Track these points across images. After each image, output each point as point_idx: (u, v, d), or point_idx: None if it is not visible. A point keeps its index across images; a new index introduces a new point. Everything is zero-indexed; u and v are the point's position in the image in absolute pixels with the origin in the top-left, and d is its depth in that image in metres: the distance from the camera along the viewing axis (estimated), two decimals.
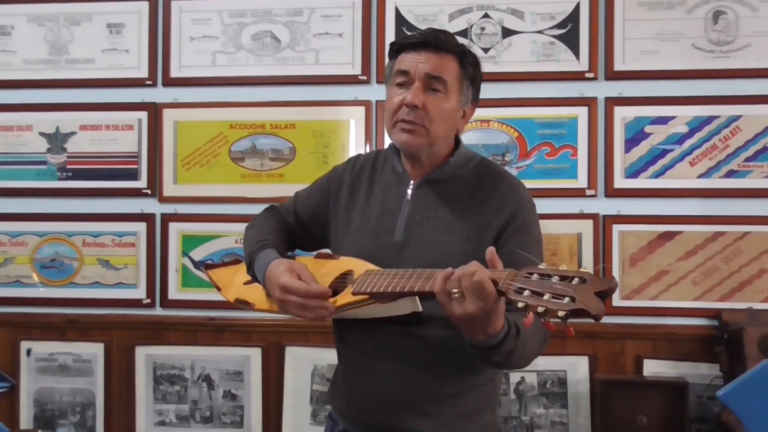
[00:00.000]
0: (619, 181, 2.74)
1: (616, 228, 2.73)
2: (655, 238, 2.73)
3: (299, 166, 2.88)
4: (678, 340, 2.71)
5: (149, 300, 2.93)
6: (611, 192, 2.74)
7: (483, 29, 2.82)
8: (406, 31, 2.81)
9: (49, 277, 2.98)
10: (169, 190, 2.93)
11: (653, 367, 2.70)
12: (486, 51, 2.79)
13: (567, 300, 1.15)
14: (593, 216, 2.75)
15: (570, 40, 2.78)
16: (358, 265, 1.57)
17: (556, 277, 1.19)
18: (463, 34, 2.80)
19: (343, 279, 1.59)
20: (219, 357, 2.88)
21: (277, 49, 2.91)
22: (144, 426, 2.91)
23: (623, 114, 2.74)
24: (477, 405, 1.63)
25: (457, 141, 1.70)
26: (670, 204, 2.73)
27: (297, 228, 1.82)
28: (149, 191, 2.93)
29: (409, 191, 1.65)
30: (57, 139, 2.98)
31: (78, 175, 2.97)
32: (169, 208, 2.93)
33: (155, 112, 2.93)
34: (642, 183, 2.73)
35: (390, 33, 2.83)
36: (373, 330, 1.59)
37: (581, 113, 2.76)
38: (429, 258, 1.53)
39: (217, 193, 2.91)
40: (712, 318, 2.69)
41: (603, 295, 1.15)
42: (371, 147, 2.84)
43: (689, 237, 2.72)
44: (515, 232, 1.56)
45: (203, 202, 2.92)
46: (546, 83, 2.79)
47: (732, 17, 2.73)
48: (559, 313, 1.14)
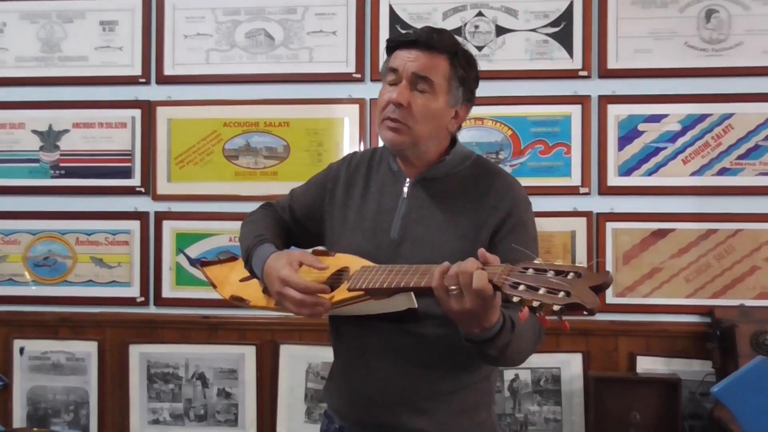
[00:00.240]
0: (613, 179, 2.75)
1: (609, 226, 2.74)
2: (648, 235, 2.74)
3: (293, 164, 2.88)
4: (671, 337, 2.72)
5: (143, 298, 2.92)
6: (605, 190, 2.75)
7: (477, 27, 2.82)
8: (400, 30, 2.81)
9: (43, 276, 2.97)
10: (163, 188, 2.92)
11: (646, 364, 2.72)
12: (480, 49, 2.80)
13: (562, 294, 1.15)
14: (587, 214, 2.76)
15: (563, 38, 2.78)
16: (353, 262, 1.57)
17: (551, 272, 1.19)
18: (457, 32, 2.80)
19: (339, 276, 1.59)
20: (213, 355, 2.88)
21: (271, 47, 2.90)
22: (138, 424, 2.90)
23: (617, 112, 2.75)
24: (473, 402, 1.63)
25: (454, 140, 1.70)
26: (663, 202, 2.74)
27: (293, 225, 1.82)
28: (143, 189, 2.93)
29: (405, 189, 1.65)
30: (50, 137, 2.97)
31: (71, 173, 2.96)
32: (163, 206, 2.93)
33: (149, 109, 2.93)
34: (635, 181, 2.74)
35: (384, 31, 2.83)
36: (369, 327, 1.60)
37: (575, 111, 2.77)
38: (425, 256, 1.53)
39: (211, 191, 2.90)
40: (704, 315, 2.71)
41: (598, 290, 1.15)
42: (365, 145, 2.84)
43: (682, 235, 2.73)
44: (511, 230, 1.57)
45: (197, 200, 2.91)
46: (540, 81, 2.79)
47: (724, 16, 2.74)
48: (554, 308, 1.14)
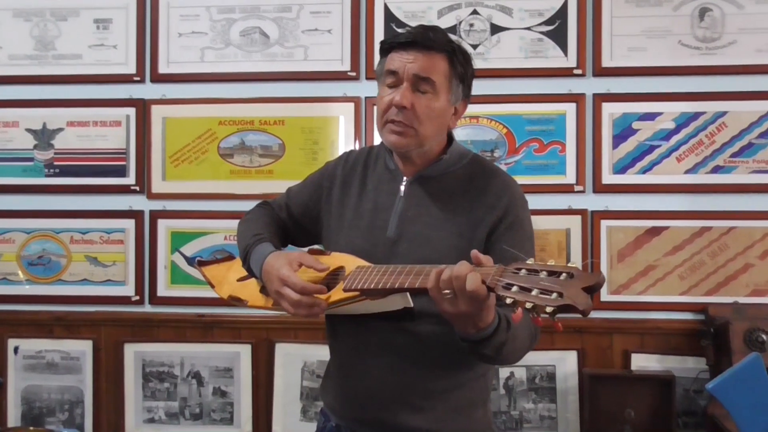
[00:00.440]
0: (607, 177, 2.76)
1: (604, 223, 2.75)
2: (643, 233, 2.75)
3: (288, 162, 2.88)
4: (665, 334, 2.73)
5: (138, 297, 2.92)
6: (599, 188, 2.76)
7: (472, 26, 2.83)
8: (395, 28, 2.81)
9: (37, 275, 2.96)
10: (158, 186, 2.91)
11: (641, 361, 2.73)
12: (475, 47, 2.80)
13: (555, 296, 1.15)
14: (581, 212, 2.77)
15: (558, 36, 2.79)
16: (349, 261, 1.57)
17: (543, 273, 1.20)
18: (452, 30, 2.80)
19: (335, 275, 1.59)
20: (208, 354, 2.88)
21: (266, 45, 2.90)
22: (133, 423, 2.90)
23: (611, 110, 2.76)
24: (469, 400, 1.64)
25: (450, 138, 1.70)
26: (657, 200, 2.75)
27: (289, 224, 1.82)
28: (137, 188, 2.92)
29: (402, 188, 1.66)
30: (44, 136, 2.96)
31: (65, 172, 2.95)
32: (158, 204, 2.92)
33: (143, 108, 2.92)
34: (629, 179, 2.75)
35: (379, 29, 2.83)
36: (366, 326, 1.60)
37: (569, 109, 2.77)
38: (422, 254, 1.54)
39: (206, 190, 2.90)
40: (698, 312, 2.72)
41: (590, 290, 1.15)
42: (360, 143, 2.84)
43: (676, 232, 2.74)
44: (508, 228, 1.57)
45: (192, 198, 2.91)
46: (534, 80, 2.80)
47: (718, 14, 2.75)
48: (547, 309, 1.15)
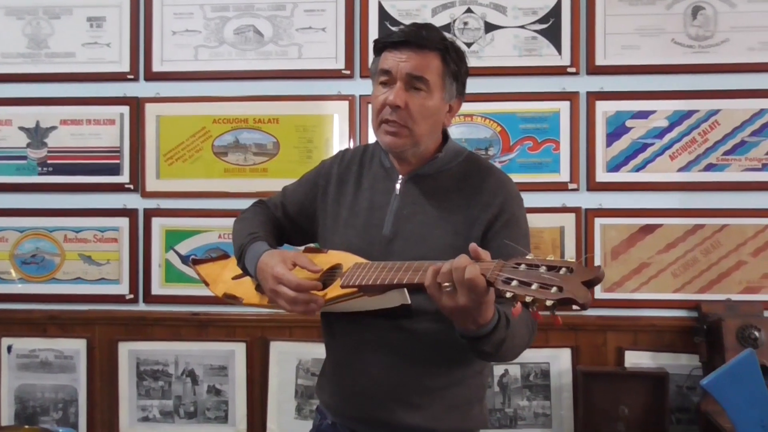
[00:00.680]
0: (601, 175, 2.77)
1: (598, 221, 2.76)
2: (636, 231, 2.76)
3: (283, 160, 2.87)
4: (658, 331, 2.74)
5: (132, 295, 2.91)
6: (593, 186, 2.77)
7: (466, 24, 2.83)
8: (389, 26, 2.81)
9: (30, 273, 2.95)
10: (152, 185, 2.91)
11: (634, 359, 2.74)
12: (469, 46, 2.81)
13: (554, 289, 1.16)
14: (575, 209, 2.77)
15: (552, 35, 2.80)
16: (346, 259, 1.58)
17: (543, 267, 1.20)
18: (446, 28, 2.81)
19: (332, 272, 1.59)
20: (203, 352, 2.87)
21: (260, 44, 2.90)
22: (127, 422, 2.89)
23: (605, 108, 2.77)
24: (465, 398, 1.64)
25: (446, 136, 1.71)
26: (650, 197, 2.76)
27: (285, 222, 1.82)
28: (132, 186, 2.91)
29: (398, 186, 1.66)
30: (37, 134, 2.95)
31: (59, 170, 2.94)
32: (152, 203, 2.92)
33: (137, 106, 2.91)
34: (623, 177, 2.76)
35: (373, 27, 2.83)
36: (362, 323, 1.60)
37: (563, 108, 2.78)
38: (417, 252, 1.54)
39: (200, 188, 2.90)
40: (691, 309, 2.73)
41: (590, 284, 1.16)
42: (355, 141, 2.84)
43: (669, 230, 2.76)
44: (504, 226, 1.58)
45: (186, 197, 2.90)
46: (528, 78, 2.81)
47: (710, 13, 2.77)
48: (547, 303, 1.15)
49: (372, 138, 2.79)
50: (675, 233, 2.75)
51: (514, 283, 1.20)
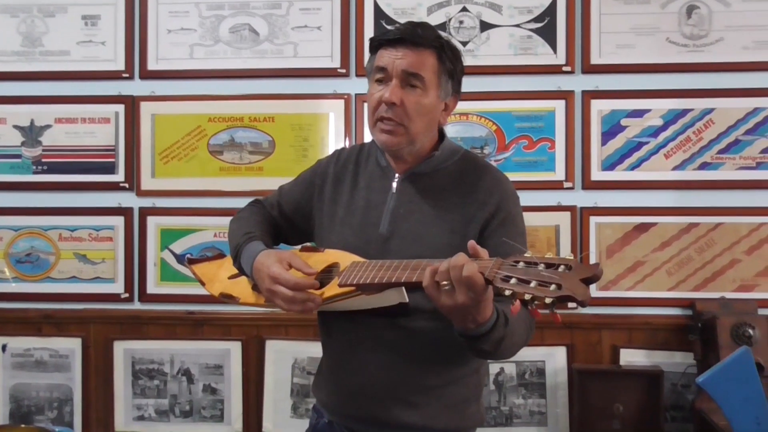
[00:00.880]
0: (596, 174, 2.78)
1: (593, 220, 2.77)
2: (631, 229, 2.77)
3: (278, 159, 2.87)
4: (653, 329, 2.76)
5: (127, 294, 2.91)
6: (588, 184, 2.78)
7: (461, 23, 2.83)
8: (384, 25, 2.81)
9: (25, 272, 2.94)
10: (147, 183, 2.90)
11: (629, 357, 2.75)
12: (464, 44, 2.81)
13: (553, 287, 1.16)
14: (571, 208, 2.78)
15: (547, 33, 2.80)
16: (343, 257, 1.57)
17: (542, 265, 1.20)
18: (442, 27, 2.81)
19: (329, 271, 1.59)
20: (198, 351, 2.87)
21: (256, 42, 2.89)
22: (123, 421, 2.89)
23: (600, 107, 2.78)
24: (462, 396, 1.64)
25: (442, 134, 1.71)
26: (645, 196, 2.77)
27: (281, 221, 1.82)
28: (127, 185, 2.91)
29: (394, 184, 1.66)
30: (32, 132, 2.94)
31: (53, 169, 2.93)
32: (147, 201, 2.91)
33: (132, 104, 2.91)
34: (618, 175, 2.77)
35: (369, 26, 2.83)
36: (359, 322, 1.60)
37: (558, 106, 2.79)
38: (414, 250, 1.54)
39: (196, 187, 2.89)
40: (686, 308, 2.75)
41: (588, 282, 1.16)
42: (351, 140, 2.84)
43: (664, 228, 2.77)
44: (500, 224, 1.58)
45: (181, 195, 2.90)
46: (524, 77, 2.81)
47: (705, 12, 2.77)
48: (546, 300, 1.15)
49: (367, 137, 2.81)
50: (670, 231, 2.76)
51: (512, 281, 1.20)
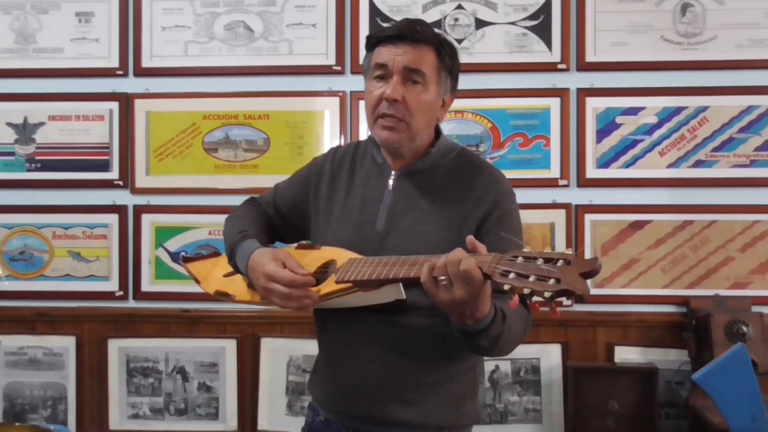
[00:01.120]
0: (591, 171, 2.78)
1: (588, 217, 2.78)
2: (626, 227, 2.78)
3: (273, 157, 2.87)
4: (648, 327, 2.76)
5: (122, 292, 2.90)
6: (583, 182, 2.78)
7: (457, 20, 2.83)
8: (380, 22, 2.81)
9: (19, 270, 2.93)
10: (142, 181, 2.89)
11: (624, 354, 2.76)
12: (460, 42, 2.81)
13: (552, 281, 1.16)
14: (566, 206, 2.79)
15: (542, 31, 2.80)
16: (340, 255, 1.57)
17: (540, 260, 1.21)
18: (437, 25, 2.81)
19: (325, 268, 1.59)
20: (193, 349, 2.87)
21: (251, 39, 2.89)
22: (117, 419, 2.88)
23: (595, 105, 2.78)
24: (458, 393, 1.64)
25: (438, 132, 1.71)
26: (640, 193, 2.78)
27: (277, 220, 1.81)
28: (121, 182, 2.90)
29: (391, 182, 1.66)
30: (25, 130, 2.92)
31: (47, 167, 2.92)
32: (142, 199, 2.90)
33: (126, 102, 2.90)
34: (613, 173, 2.78)
35: (364, 24, 2.83)
36: (356, 319, 1.59)
37: (554, 104, 2.79)
38: (411, 248, 1.54)
39: (190, 185, 2.89)
40: (680, 305, 2.75)
41: (587, 276, 1.17)
42: (346, 138, 2.84)
43: (659, 226, 2.77)
44: (497, 221, 1.58)
45: (176, 193, 2.89)
46: (519, 74, 2.81)
47: (699, 10, 2.78)
48: (546, 295, 1.16)
49: (363, 134, 2.81)
50: (664, 229, 2.77)
51: (511, 276, 1.20)
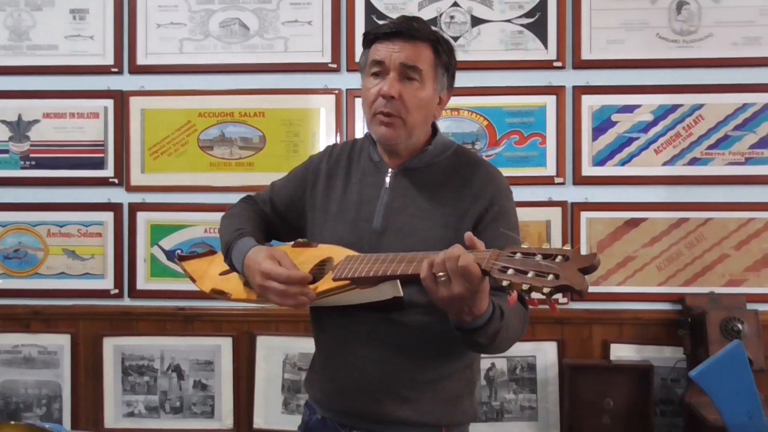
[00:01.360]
0: (587, 169, 2.78)
1: (584, 215, 2.78)
2: (622, 224, 2.78)
3: (269, 154, 2.86)
4: (643, 324, 2.77)
5: (117, 290, 2.89)
6: (579, 180, 2.78)
7: (452, 18, 2.83)
8: (375, 20, 2.81)
9: (13, 268, 2.92)
10: (137, 179, 2.89)
11: (619, 351, 2.76)
12: (455, 40, 2.80)
13: (551, 277, 1.16)
14: (562, 203, 2.79)
15: (538, 29, 2.80)
16: (337, 252, 1.56)
17: (539, 256, 1.20)
18: (433, 22, 2.80)
19: (322, 266, 1.58)
20: (189, 347, 2.86)
21: (246, 37, 2.88)
22: (113, 418, 2.87)
23: (590, 102, 2.78)
24: (456, 391, 1.64)
25: (435, 129, 1.70)
26: (636, 191, 2.78)
27: (274, 218, 1.81)
28: (116, 180, 2.89)
29: (388, 179, 1.65)
30: (19, 128, 2.91)
31: (42, 164, 2.91)
32: (137, 197, 2.89)
33: (121, 99, 2.89)
34: (609, 171, 2.78)
35: (360, 21, 2.83)
36: (353, 317, 1.59)
37: (549, 102, 2.79)
38: (408, 245, 1.53)
39: (186, 182, 2.88)
40: (675, 303, 2.76)
41: (586, 271, 1.16)
42: (342, 135, 2.84)
43: (654, 223, 2.78)
44: (494, 218, 1.58)
45: (171, 191, 2.88)
46: (515, 72, 2.82)
47: (694, 8, 2.79)
48: (544, 290, 1.15)
49: (358, 132, 2.81)
50: (660, 227, 2.77)
51: (510, 272, 1.20)
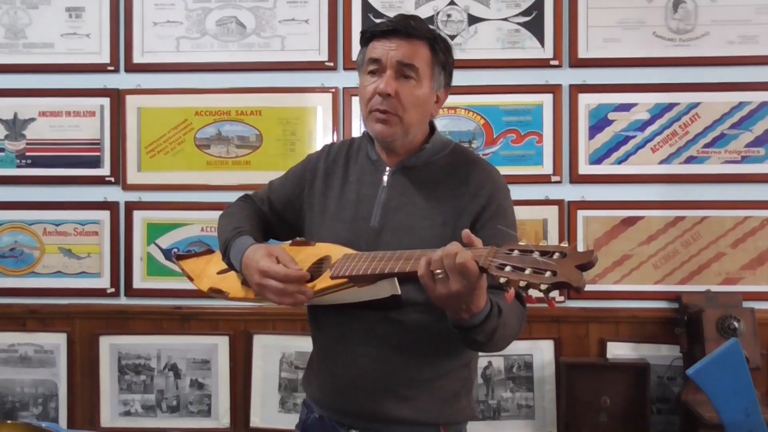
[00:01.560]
0: (584, 168, 2.79)
1: (580, 214, 2.78)
2: (618, 223, 2.79)
3: (266, 153, 2.86)
4: (640, 322, 2.77)
5: (113, 289, 2.88)
6: (576, 178, 2.79)
7: (449, 16, 2.83)
8: (372, 18, 2.80)
9: (9, 267, 2.91)
10: (133, 177, 2.88)
11: (616, 350, 2.76)
12: (452, 38, 2.80)
13: (549, 274, 1.17)
14: (558, 202, 2.79)
15: (535, 27, 2.81)
16: (335, 251, 1.56)
17: (536, 253, 1.21)
18: (430, 21, 2.80)
19: (320, 265, 1.58)
20: (185, 346, 2.86)
21: (243, 35, 2.87)
22: (109, 417, 2.87)
23: (587, 101, 2.79)
24: (453, 389, 1.64)
25: (432, 127, 1.70)
26: (632, 190, 2.79)
27: (271, 217, 1.81)
28: (113, 179, 2.88)
29: (385, 178, 1.65)
30: (15, 126, 2.90)
31: (38, 163, 2.90)
32: (133, 196, 2.89)
33: (118, 98, 2.88)
34: (606, 169, 2.78)
35: (357, 19, 2.82)
36: (350, 315, 1.59)
37: (546, 100, 2.80)
38: (406, 243, 1.53)
39: (183, 181, 2.87)
40: (672, 301, 2.76)
41: (583, 268, 1.17)
42: (338, 134, 2.83)
43: (651, 222, 2.78)
44: (491, 217, 1.58)
45: (168, 189, 2.88)
46: (511, 71, 2.82)
47: (691, 6, 2.79)
48: (542, 287, 1.16)
49: (355, 131, 2.81)
50: (656, 225, 2.78)
51: (507, 269, 1.20)
